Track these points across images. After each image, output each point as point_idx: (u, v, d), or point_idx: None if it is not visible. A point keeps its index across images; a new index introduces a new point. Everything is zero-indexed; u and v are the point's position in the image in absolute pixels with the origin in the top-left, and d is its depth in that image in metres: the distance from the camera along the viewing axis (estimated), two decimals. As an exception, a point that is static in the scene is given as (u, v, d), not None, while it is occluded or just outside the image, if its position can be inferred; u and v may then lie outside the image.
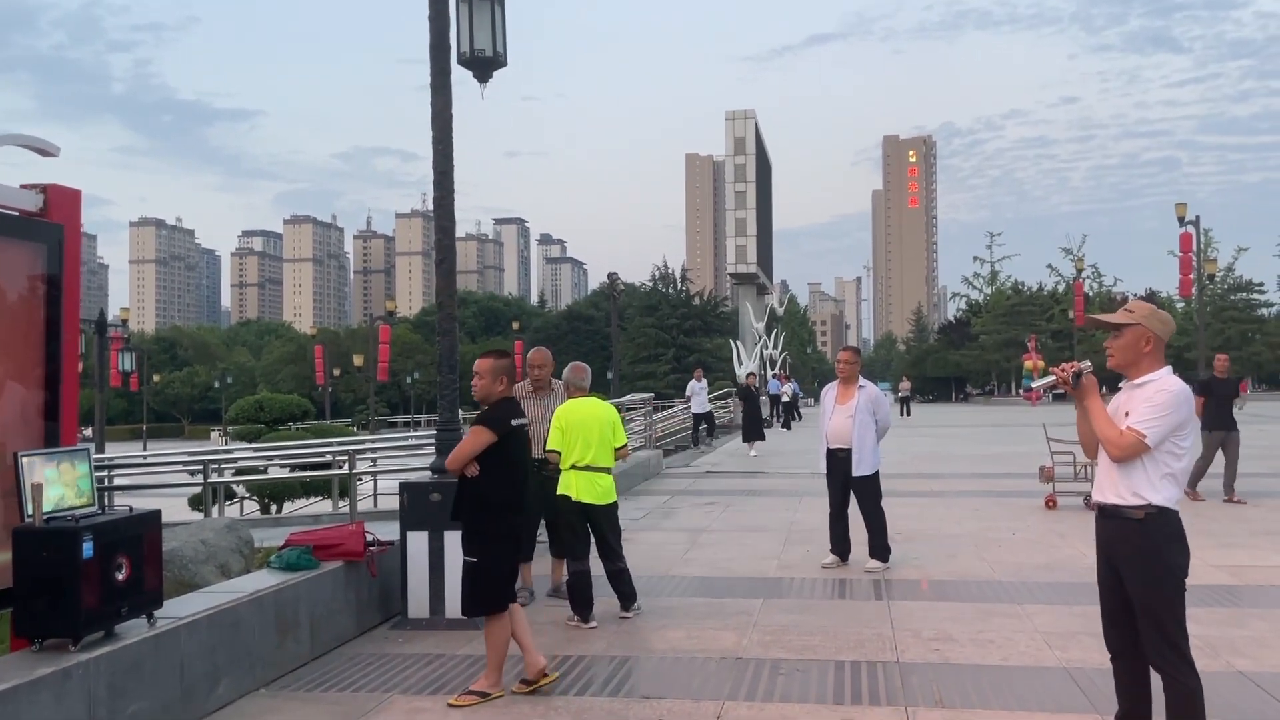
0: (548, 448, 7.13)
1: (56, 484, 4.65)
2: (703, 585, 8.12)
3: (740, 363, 45.14)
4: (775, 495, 14.05)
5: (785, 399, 36.99)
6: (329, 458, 13.77)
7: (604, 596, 7.32)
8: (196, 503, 15.76)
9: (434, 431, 8.26)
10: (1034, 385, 4.53)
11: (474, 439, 5.36)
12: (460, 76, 7.82)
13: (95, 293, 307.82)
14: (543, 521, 7.97)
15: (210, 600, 5.46)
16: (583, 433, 7.03)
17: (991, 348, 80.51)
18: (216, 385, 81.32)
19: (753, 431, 23.14)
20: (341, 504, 13.71)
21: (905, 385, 48.19)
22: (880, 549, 8.60)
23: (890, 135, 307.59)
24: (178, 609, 5.21)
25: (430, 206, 7.67)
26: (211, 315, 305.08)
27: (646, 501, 13.52)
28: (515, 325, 65.14)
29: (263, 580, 6.05)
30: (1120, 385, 4.29)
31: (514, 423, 5.50)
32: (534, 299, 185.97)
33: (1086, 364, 4.24)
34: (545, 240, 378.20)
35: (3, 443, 5.02)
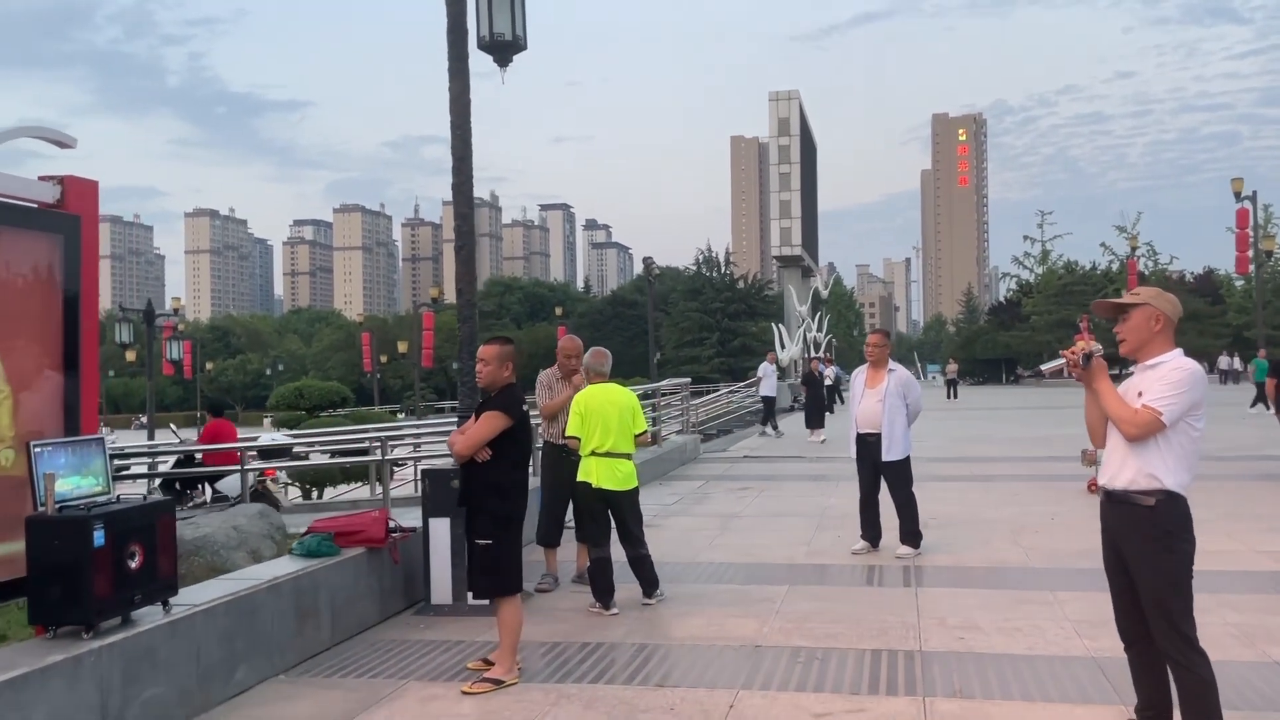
0: (567, 434, 7.11)
1: (70, 473, 4.70)
2: (729, 572, 8.05)
3: (783, 346, 44.87)
4: (810, 480, 13.91)
5: (828, 382, 36.66)
6: (366, 444, 13.88)
7: (627, 583, 7.29)
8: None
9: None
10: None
11: (490, 424, 5.34)
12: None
13: (152, 283, 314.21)
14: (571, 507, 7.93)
15: (228, 587, 5.50)
16: (602, 419, 7.01)
17: (1042, 328, 79.05)
18: (268, 372, 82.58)
19: (816, 417, 22.12)
20: (381, 490, 13.79)
21: (952, 368, 47.59)
22: (911, 535, 8.47)
23: (939, 113, 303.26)
24: (194, 596, 5.26)
25: (476, 193, 7.67)
26: (265, 304, 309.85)
27: (681, 487, 13.46)
28: (558, 311, 65.17)
29: (283, 567, 6.09)
30: (1130, 369, 4.17)
31: (524, 408, 5.50)
32: (579, 284, 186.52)
33: (1097, 346, 4.13)
34: (590, 225, 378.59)
35: (20, 433, 5.08)
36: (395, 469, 14.81)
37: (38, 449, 4.55)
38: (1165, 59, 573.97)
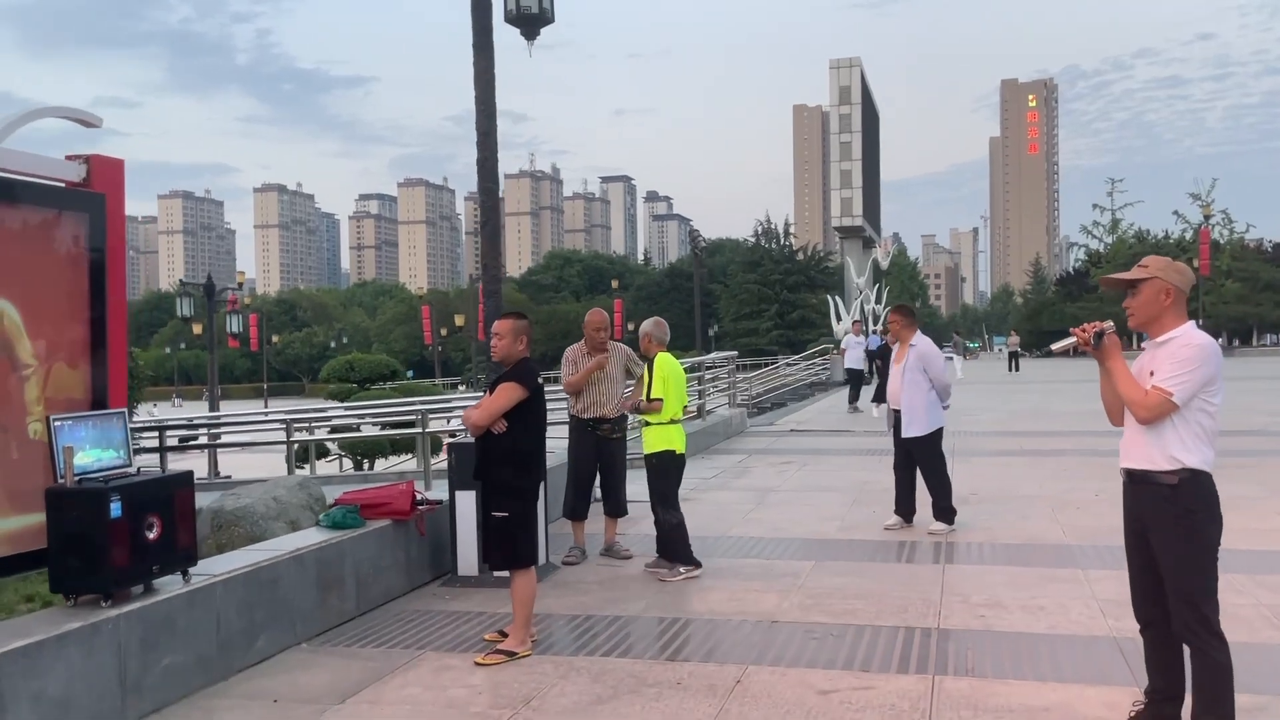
0: (653, 395, 7.08)
1: (91, 446, 4.83)
2: (758, 546, 8.02)
3: (838, 319, 44.37)
4: (854, 454, 13.78)
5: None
6: (413, 417, 14.08)
7: (645, 556, 7.32)
8: (298, 458, 16.31)
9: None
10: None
11: (506, 395, 5.38)
12: (568, 37, 7.83)
13: (224, 257, 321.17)
14: (597, 481, 7.95)
15: (249, 558, 5.63)
16: (678, 387, 7.22)
17: (1111, 299, 77.18)
18: (333, 345, 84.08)
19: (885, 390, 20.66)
20: (436, 461, 14.00)
21: (1014, 340, 46.70)
22: (943, 511, 8.36)
23: (1009, 79, 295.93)
24: (215, 567, 5.39)
25: (537, 166, 7.74)
26: (332, 277, 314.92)
27: (722, 460, 13.43)
28: (615, 284, 65.25)
29: (307, 538, 6.21)
30: (1142, 345, 4.05)
31: (539, 380, 5.52)
32: (639, 256, 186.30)
33: (1109, 324, 4.00)
34: (651, 198, 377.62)
35: (48, 407, 5.23)
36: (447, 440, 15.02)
37: (57, 422, 4.67)
38: (1248, 20, 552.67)
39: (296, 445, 15.28)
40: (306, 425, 14.48)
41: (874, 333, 33.11)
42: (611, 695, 4.77)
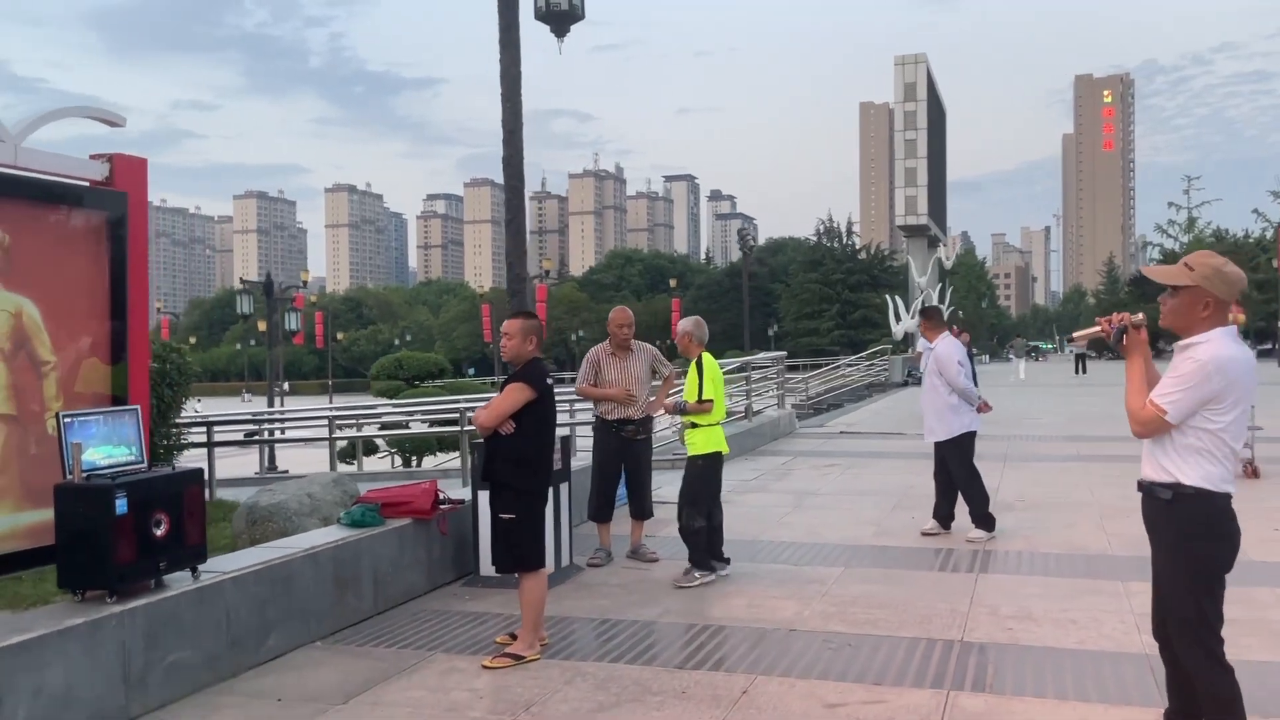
0: (704, 396, 6.95)
1: (102, 443, 4.87)
2: (788, 551, 7.86)
3: (898, 319, 43.66)
4: (902, 457, 13.49)
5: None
6: (455, 415, 14.13)
7: (671, 559, 7.22)
8: (345, 456, 16.50)
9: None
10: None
11: (513, 396, 5.32)
12: (638, 36, 7.75)
13: (295, 255, 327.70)
14: (623, 482, 7.85)
15: (262, 555, 5.64)
16: (721, 387, 7.14)
17: (1188, 300, 74.94)
18: (396, 342, 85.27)
19: None
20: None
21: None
22: (981, 518, 8.12)
23: (1083, 75, 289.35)
24: (226, 564, 5.41)
25: (601, 165, 7.70)
26: (400, 276, 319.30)
27: (765, 462, 13.25)
28: (673, 283, 65.08)
29: (323, 536, 6.22)
30: (1172, 346, 3.82)
31: (548, 381, 5.45)
32: (702, 256, 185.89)
33: (1139, 317, 3.73)
34: (715, 196, 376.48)
35: (67, 403, 5.30)
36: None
37: (67, 419, 4.72)
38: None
39: (345, 442, 15.46)
40: (353, 422, 14.60)
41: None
42: (614, 703, 4.67)
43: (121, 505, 4.58)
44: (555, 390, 5.66)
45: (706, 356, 7.16)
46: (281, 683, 5.07)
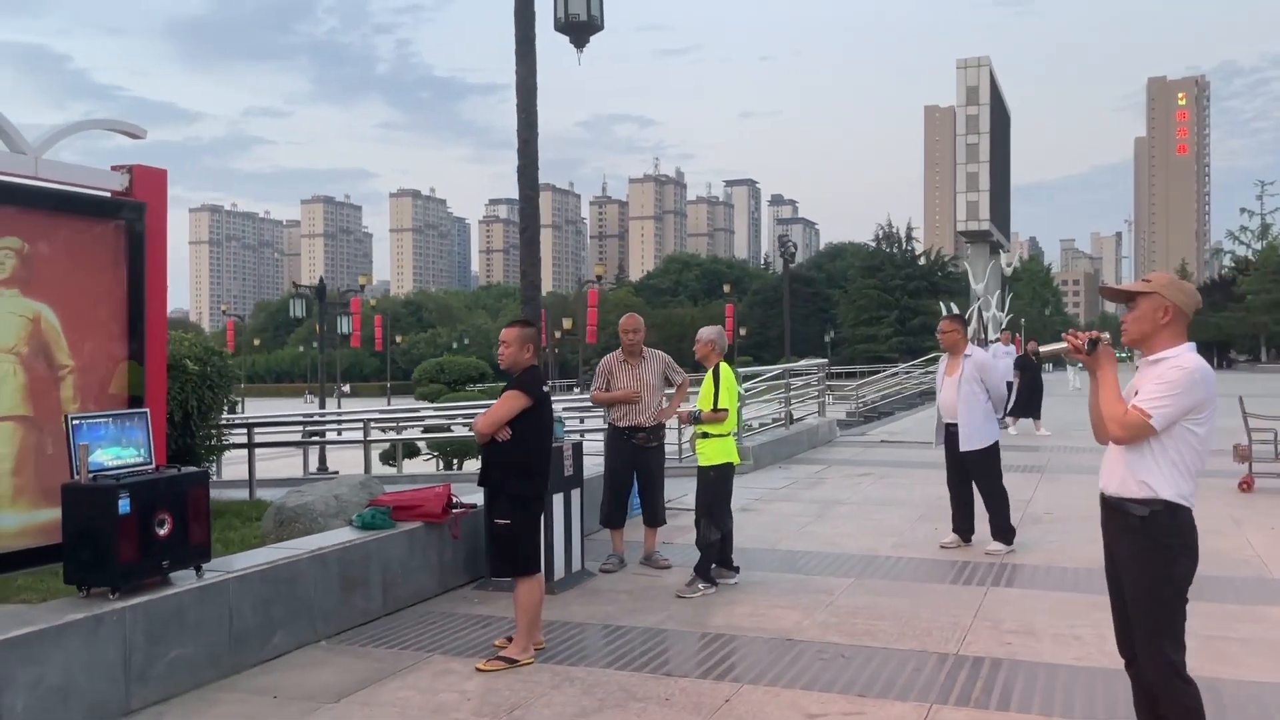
0: (720, 405, 6.97)
1: (111, 444, 5.05)
2: (801, 560, 7.84)
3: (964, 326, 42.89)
4: (938, 468, 13.19)
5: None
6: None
7: (683, 567, 7.24)
8: (387, 457, 16.78)
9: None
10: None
11: (509, 403, 5.40)
12: (701, 41, 7.77)
13: (361, 259, 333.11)
14: (635, 489, 7.89)
15: (268, 555, 5.79)
16: (736, 399, 7.16)
17: (1259, 309, 72.86)
18: (455, 346, 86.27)
19: (1032, 405, 17.87)
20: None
21: (1144, 350, 44.41)
22: (1001, 530, 8.02)
23: (1156, 77, 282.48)
24: (232, 564, 5.57)
25: (662, 170, 7.79)
26: (462, 280, 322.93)
27: (799, 470, 13.20)
28: (727, 288, 64.76)
29: (331, 538, 6.36)
30: (1136, 363, 3.81)
31: (544, 389, 5.52)
32: (763, 261, 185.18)
33: (1106, 334, 3.77)
34: (776, 201, 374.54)
35: (84, 405, 5.50)
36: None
37: (75, 421, 4.91)
38: None
39: (389, 444, 15.72)
40: (393, 425, 14.85)
41: (995, 340, 32.07)
42: (596, 708, 4.73)
43: (125, 505, 4.75)
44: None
45: (724, 366, 7.17)
46: (281, 680, 5.20)
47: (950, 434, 8.12)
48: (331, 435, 18.84)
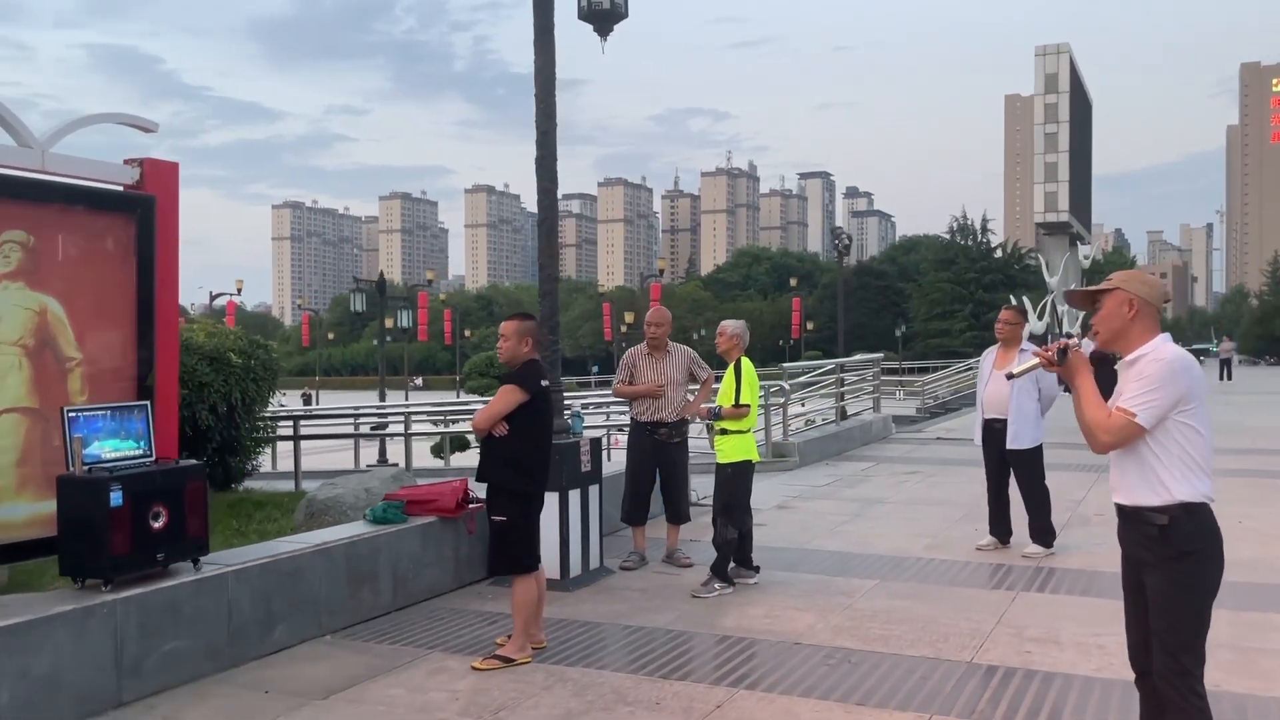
0: (741, 401, 6.81)
1: (109, 437, 5.07)
2: (829, 561, 7.62)
3: (1025, 320, 41.83)
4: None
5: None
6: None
7: (705, 565, 7.08)
8: (437, 450, 16.87)
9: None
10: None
11: (504, 398, 5.30)
12: (777, 33, 7.69)
13: (437, 255, 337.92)
14: (658, 486, 7.75)
15: (269, 549, 5.79)
16: (756, 395, 6.97)
17: (1356, 301, 69.74)
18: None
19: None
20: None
21: (1226, 345, 42.87)
22: (1041, 532, 7.69)
23: (1250, 63, 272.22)
24: (232, 557, 5.57)
25: (734, 163, 7.66)
26: (535, 274, 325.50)
27: (846, 467, 12.91)
28: (793, 282, 63.85)
29: (338, 532, 6.34)
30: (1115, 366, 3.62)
31: (543, 383, 5.41)
32: (836, 255, 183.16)
33: (1075, 341, 3.60)
34: (851, 193, 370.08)
35: (91, 398, 5.54)
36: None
37: (72, 414, 4.93)
38: None
39: (439, 437, 15.79)
40: (442, 418, 14.93)
41: (1081, 338, 31.15)
42: (583, 711, 4.61)
43: (117, 498, 4.76)
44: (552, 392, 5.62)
45: (745, 361, 6.99)
46: (276, 675, 5.18)
47: (993, 430, 7.81)
48: (395, 428, 19.04)
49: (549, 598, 6.51)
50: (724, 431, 6.91)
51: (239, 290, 58.15)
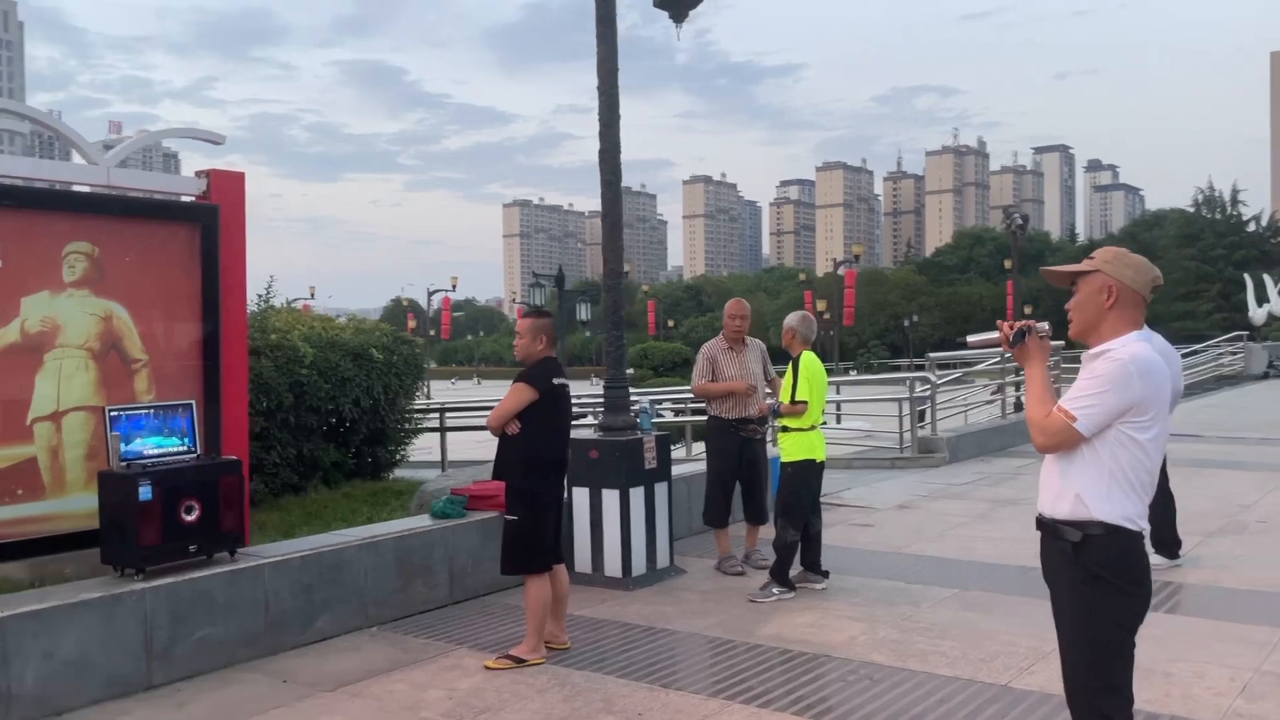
0: (798, 397, 6.62)
1: (152, 435, 5.40)
2: (917, 567, 7.14)
3: (1259, 301, 37.68)
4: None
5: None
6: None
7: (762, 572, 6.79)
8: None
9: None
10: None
11: (514, 397, 5.26)
12: (1001, 3, 7.46)
13: (656, 246, 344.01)
14: (739, 485, 7.47)
15: (313, 542, 6.00)
16: (821, 389, 6.69)
17: None
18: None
19: None
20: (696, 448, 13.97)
21: None
22: (1163, 541, 6.89)
23: None
24: (274, 549, 5.81)
25: (962, 141, 7.51)
26: (753, 263, 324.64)
27: (998, 465, 12.08)
28: (1007, 264, 60.08)
29: (389, 527, 6.49)
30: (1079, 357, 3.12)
31: (555, 381, 5.32)
32: (1080, 232, 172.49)
33: (1043, 325, 3.12)
34: (1093, 167, 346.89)
35: (157, 397, 5.93)
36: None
37: (114, 413, 5.28)
38: None
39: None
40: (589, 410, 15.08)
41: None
42: (564, 718, 4.50)
43: (146, 492, 5.06)
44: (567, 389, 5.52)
45: (808, 355, 6.66)
46: (302, 664, 5.35)
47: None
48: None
49: (600, 596, 6.48)
50: (785, 429, 6.60)
51: (454, 286, 61.16)
